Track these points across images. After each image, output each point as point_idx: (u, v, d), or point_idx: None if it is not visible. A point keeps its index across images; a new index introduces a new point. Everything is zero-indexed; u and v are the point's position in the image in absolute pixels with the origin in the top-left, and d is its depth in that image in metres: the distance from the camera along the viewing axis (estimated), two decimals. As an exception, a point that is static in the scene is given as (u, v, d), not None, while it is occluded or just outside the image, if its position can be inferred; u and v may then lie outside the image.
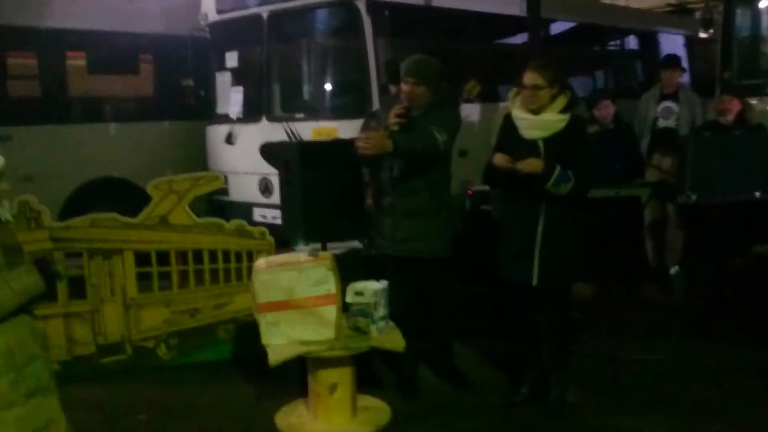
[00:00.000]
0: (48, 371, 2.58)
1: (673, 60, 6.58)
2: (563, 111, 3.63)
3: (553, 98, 3.62)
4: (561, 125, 3.62)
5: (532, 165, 3.52)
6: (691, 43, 10.48)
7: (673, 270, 5.93)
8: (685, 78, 9.32)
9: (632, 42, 10.02)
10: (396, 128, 3.80)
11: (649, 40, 9.93)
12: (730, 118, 5.22)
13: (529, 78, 3.61)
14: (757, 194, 4.33)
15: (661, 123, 6.23)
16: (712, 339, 4.83)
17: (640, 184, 5.42)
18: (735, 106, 5.22)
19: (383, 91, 5.89)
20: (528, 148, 3.63)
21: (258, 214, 6.52)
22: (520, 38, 7.59)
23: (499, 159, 3.61)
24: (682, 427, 3.71)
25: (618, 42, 10.01)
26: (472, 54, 7.16)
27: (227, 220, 4.82)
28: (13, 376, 2.44)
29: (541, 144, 3.63)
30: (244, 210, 6.50)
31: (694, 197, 4.29)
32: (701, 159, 4.34)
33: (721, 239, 5.04)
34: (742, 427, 3.67)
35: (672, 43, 10.19)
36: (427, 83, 3.88)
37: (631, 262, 5.69)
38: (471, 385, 4.24)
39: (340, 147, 4.45)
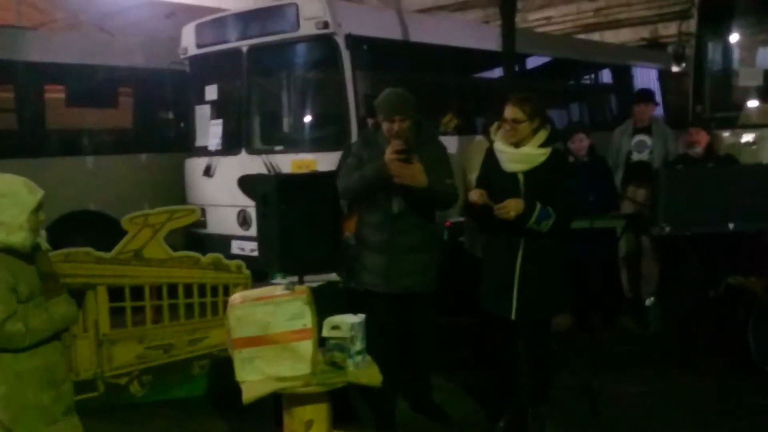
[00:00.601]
0: (72, 393, 2.88)
1: (646, 94, 6.67)
2: (544, 145, 3.66)
3: (534, 132, 3.65)
4: (541, 159, 3.65)
5: (511, 207, 3.53)
6: (664, 76, 10.68)
7: (649, 301, 5.96)
8: (659, 111, 9.51)
9: (606, 76, 10.19)
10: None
11: (623, 74, 10.11)
12: (699, 149, 5.31)
13: (509, 112, 3.64)
14: (731, 225, 4.38)
15: (635, 157, 6.30)
16: (689, 370, 4.85)
17: (614, 216, 5.48)
18: (703, 137, 5.31)
19: (362, 124, 5.93)
20: (508, 181, 3.66)
21: (236, 247, 6.48)
22: (496, 72, 7.70)
23: (475, 195, 3.64)
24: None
25: (592, 76, 10.18)
26: (449, 88, 7.24)
27: (204, 252, 4.79)
28: (54, 393, 2.74)
29: (521, 177, 3.66)
30: (222, 243, 6.47)
31: (667, 229, 4.34)
32: (674, 191, 4.39)
33: (696, 271, 5.10)
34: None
35: (645, 76, 10.39)
36: (411, 117, 3.92)
37: (607, 294, 5.73)
38: (449, 419, 4.21)
39: (318, 179, 4.46)
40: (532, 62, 8.56)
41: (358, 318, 3.57)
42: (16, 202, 2.65)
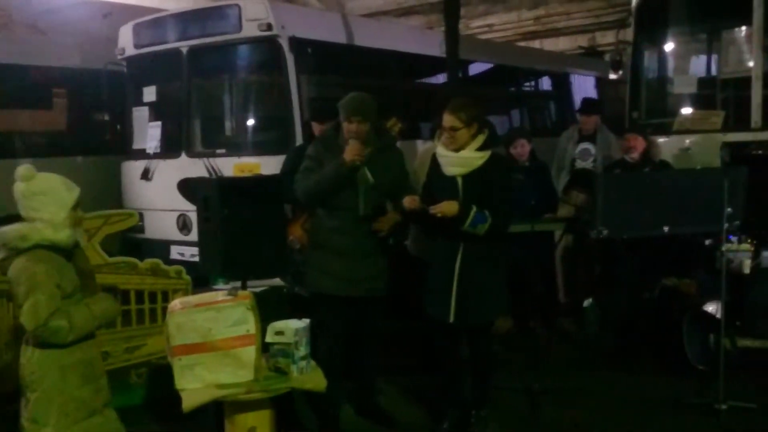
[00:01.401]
0: (109, 387, 3.02)
1: (591, 104, 6.75)
2: (482, 148, 3.71)
3: (473, 137, 3.70)
4: (479, 162, 3.69)
5: (445, 208, 3.56)
6: (602, 84, 10.96)
7: (587, 303, 6.08)
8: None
9: (546, 83, 10.40)
10: (358, 164, 3.85)
11: (562, 81, 10.33)
12: (635, 155, 5.44)
13: (447, 120, 3.68)
14: (665, 229, 4.50)
15: (579, 164, 6.38)
16: (625, 369, 4.96)
17: (554, 219, 5.58)
18: (640, 143, 5.45)
19: (306, 127, 5.89)
20: (448, 184, 3.71)
21: (175, 252, 6.35)
22: (440, 78, 7.77)
23: (407, 201, 3.67)
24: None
25: (533, 83, 10.37)
26: (393, 92, 7.26)
27: (142, 258, 4.67)
28: (94, 386, 2.87)
29: (460, 180, 3.70)
30: (161, 248, 6.32)
31: (605, 232, 4.42)
32: (611, 195, 4.48)
33: (633, 273, 5.23)
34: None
35: (584, 84, 10.64)
36: (370, 120, 3.93)
37: (546, 296, 5.83)
38: (394, 423, 4.20)
39: (262, 183, 4.40)
40: (475, 68, 8.67)
41: (302, 323, 3.54)
42: (56, 199, 2.76)
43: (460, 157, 3.71)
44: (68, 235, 2.75)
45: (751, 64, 6.17)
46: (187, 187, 6.09)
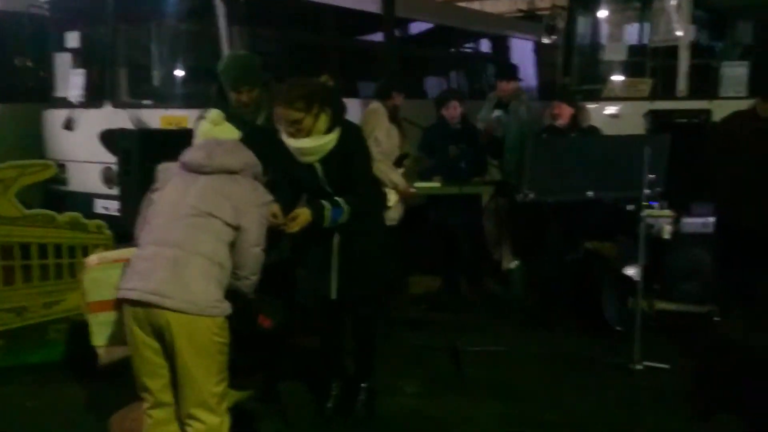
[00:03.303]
0: None
1: (507, 70, 6.61)
2: (330, 128, 3.43)
3: (317, 117, 3.37)
4: (331, 145, 3.43)
5: (300, 222, 3.35)
6: (540, 48, 11.01)
7: (513, 264, 6.19)
8: (532, 82, 9.77)
9: (484, 45, 10.39)
10: None
11: (501, 44, 10.35)
12: (562, 122, 5.51)
13: (285, 115, 3.36)
14: (590, 193, 4.59)
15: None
16: (548, 330, 5.10)
17: (482, 182, 5.63)
18: (566, 110, 5.51)
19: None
20: (307, 172, 3.49)
21: (100, 206, 6.15)
22: (378, 35, 7.67)
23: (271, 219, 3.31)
24: (515, 414, 3.88)
25: (471, 44, 10.34)
26: (327, 48, 7.14)
27: (65, 211, 4.51)
28: None
29: (318, 167, 3.47)
30: (85, 201, 6.13)
31: (531, 195, 4.49)
32: (539, 159, 4.54)
33: (557, 236, 5.35)
34: (573, 416, 3.86)
35: (522, 47, 10.68)
36: (259, 84, 3.74)
37: (473, 258, 5.92)
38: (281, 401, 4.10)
39: (186, 136, 4.27)
40: (412, 27, 8.60)
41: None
42: None
43: (308, 147, 3.41)
44: None
45: (679, 33, 6.30)
46: (109, 138, 5.89)
